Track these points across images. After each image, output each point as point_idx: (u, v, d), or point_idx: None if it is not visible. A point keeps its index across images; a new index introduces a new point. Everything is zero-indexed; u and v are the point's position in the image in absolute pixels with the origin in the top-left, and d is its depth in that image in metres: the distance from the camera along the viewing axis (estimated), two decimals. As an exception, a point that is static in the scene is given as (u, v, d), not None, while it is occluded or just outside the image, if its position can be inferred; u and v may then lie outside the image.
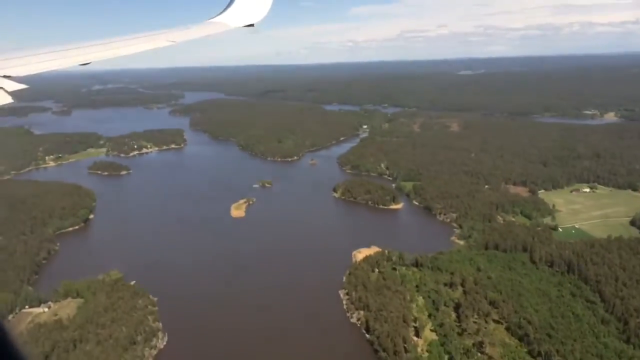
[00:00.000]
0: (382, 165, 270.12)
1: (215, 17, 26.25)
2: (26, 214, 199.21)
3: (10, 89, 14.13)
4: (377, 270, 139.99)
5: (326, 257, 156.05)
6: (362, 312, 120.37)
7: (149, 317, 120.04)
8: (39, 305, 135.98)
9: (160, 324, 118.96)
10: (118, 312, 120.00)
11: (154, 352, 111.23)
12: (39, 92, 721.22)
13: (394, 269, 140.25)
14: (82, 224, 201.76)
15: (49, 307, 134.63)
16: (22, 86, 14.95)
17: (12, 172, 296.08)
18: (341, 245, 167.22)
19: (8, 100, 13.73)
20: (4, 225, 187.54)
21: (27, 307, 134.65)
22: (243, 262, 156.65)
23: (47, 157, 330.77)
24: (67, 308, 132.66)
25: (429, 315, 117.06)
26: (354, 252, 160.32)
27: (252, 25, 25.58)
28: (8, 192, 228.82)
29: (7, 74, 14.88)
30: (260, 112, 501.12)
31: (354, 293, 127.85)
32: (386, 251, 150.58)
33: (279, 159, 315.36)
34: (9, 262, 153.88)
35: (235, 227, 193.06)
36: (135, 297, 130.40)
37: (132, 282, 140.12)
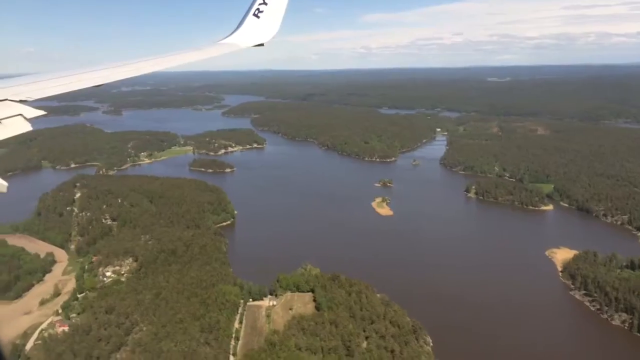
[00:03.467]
0: (497, 167, 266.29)
1: (226, 38, 27.14)
2: (173, 209, 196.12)
3: (29, 116, 14.11)
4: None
5: (522, 259, 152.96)
6: (624, 315, 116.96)
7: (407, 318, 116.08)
8: (261, 299, 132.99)
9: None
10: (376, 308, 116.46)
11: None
12: (72, 92, 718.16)
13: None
14: (232, 219, 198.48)
15: (274, 300, 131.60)
16: (41, 112, 14.83)
17: (115, 168, 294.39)
18: (524, 245, 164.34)
19: (28, 128, 13.68)
20: (166, 218, 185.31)
21: (250, 300, 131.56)
22: (447, 262, 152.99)
23: (140, 154, 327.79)
24: (299, 302, 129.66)
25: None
26: (547, 252, 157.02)
27: (262, 44, 26.81)
28: (135, 187, 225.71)
29: (24, 98, 14.97)
30: (321, 114, 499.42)
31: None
32: (594, 252, 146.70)
33: (377, 160, 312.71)
34: (202, 254, 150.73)
35: (394, 226, 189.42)
36: (366, 291, 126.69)
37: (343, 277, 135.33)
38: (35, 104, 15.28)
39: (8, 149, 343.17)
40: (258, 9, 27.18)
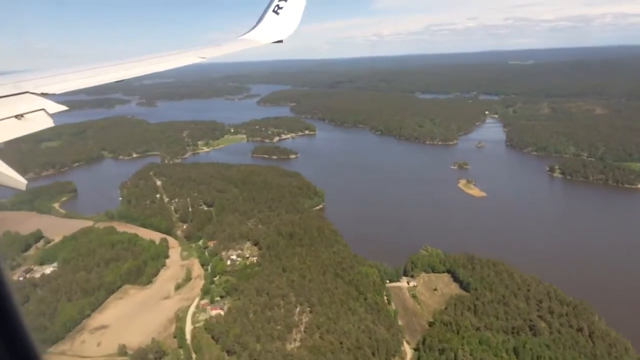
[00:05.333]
0: (571, 147, 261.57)
1: (245, 34, 27.07)
2: (264, 194, 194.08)
3: (51, 111, 13.70)
4: None
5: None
6: None
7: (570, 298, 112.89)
8: (398, 280, 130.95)
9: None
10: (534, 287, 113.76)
11: None
12: (97, 86, 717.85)
13: None
14: (323, 204, 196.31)
15: (412, 281, 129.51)
16: (63, 107, 14.32)
17: (179, 156, 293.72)
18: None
19: (50, 124, 13.25)
20: (263, 203, 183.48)
21: (387, 281, 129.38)
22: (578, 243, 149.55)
23: (198, 143, 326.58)
24: (439, 282, 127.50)
25: None
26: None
27: (281, 41, 26.67)
28: (213, 174, 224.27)
29: (46, 92, 14.65)
30: (360, 100, 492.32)
31: None
32: None
33: (440, 143, 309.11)
34: (321, 236, 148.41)
35: (493, 206, 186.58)
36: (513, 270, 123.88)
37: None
38: (61, 98, 14.66)
39: (62, 140, 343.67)
40: (278, 5, 27.27)
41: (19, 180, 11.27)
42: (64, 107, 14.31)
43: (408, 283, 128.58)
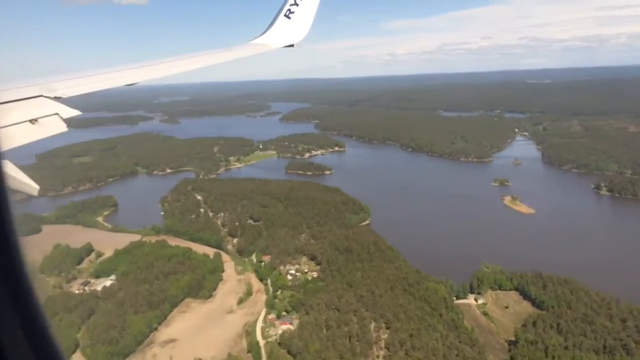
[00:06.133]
0: (613, 164, 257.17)
1: (256, 38, 26.85)
2: (309, 209, 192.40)
3: (65, 116, 13.68)
4: None
5: None
6: None
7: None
8: (464, 297, 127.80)
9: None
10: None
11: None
12: (117, 103, 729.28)
13: None
14: (369, 219, 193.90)
15: (476, 298, 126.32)
16: (77, 112, 14.20)
17: (212, 172, 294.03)
18: None
19: (64, 129, 13.34)
20: (310, 218, 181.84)
21: (454, 297, 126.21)
22: None
23: (230, 159, 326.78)
24: (508, 300, 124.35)
25: None
26: None
27: (292, 45, 26.41)
28: (253, 189, 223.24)
29: (59, 95, 14.56)
30: (385, 118, 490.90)
31: None
32: None
33: (475, 160, 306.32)
34: (378, 251, 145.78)
35: (544, 223, 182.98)
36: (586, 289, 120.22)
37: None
38: (74, 102, 14.63)
39: (92, 156, 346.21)
40: (289, 9, 26.90)
41: (31, 186, 11.36)
42: (77, 112, 14.25)
43: (476, 300, 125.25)
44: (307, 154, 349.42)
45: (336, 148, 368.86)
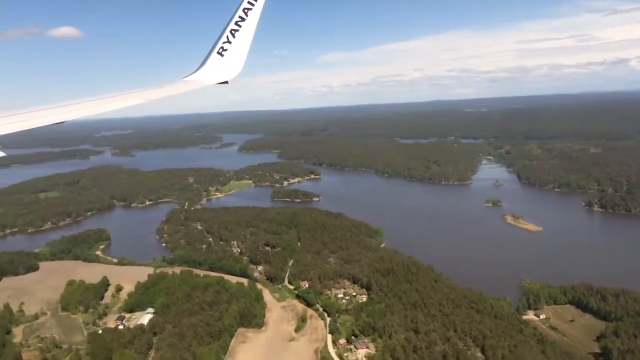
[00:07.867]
0: (594, 183, 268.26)
1: (189, 75, 27.64)
2: (325, 234, 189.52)
3: None
4: None
5: None
6: None
7: None
8: (524, 313, 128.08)
9: None
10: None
11: None
12: (56, 139, 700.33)
13: None
14: (385, 242, 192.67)
15: (537, 314, 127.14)
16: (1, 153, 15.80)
17: (196, 202, 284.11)
18: None
19: None
20: (331, 242, 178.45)
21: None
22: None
23: (210, 189, 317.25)
24: (568, 314, 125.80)
25: None
26: None
27: (226, 82, 27.47)
28: (253, 217, 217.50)
29: None
30: (347, 146, 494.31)
31: None
32: None
33: (456, 183, 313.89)
34: (419, 272, 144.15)
35: (560, 239, 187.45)
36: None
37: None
38: (11, 144, 15.34)
39: (58, 191, 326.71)
40: (222, 47, 26.99)
41: None
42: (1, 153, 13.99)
43: (538, 316, 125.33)
44: (285, 182, 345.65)
45: (312, 176, 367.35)
